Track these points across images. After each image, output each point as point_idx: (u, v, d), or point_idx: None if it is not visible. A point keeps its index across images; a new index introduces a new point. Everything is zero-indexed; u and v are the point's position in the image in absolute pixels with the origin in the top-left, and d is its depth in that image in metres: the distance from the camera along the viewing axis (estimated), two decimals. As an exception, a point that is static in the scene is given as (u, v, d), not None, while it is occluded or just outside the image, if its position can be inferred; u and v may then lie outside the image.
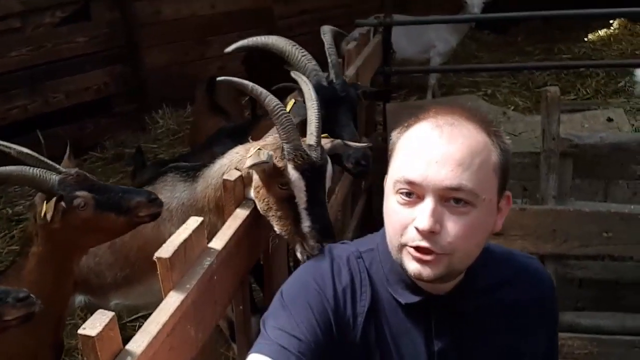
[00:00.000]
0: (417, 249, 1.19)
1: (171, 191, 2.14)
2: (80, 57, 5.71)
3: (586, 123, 3.52)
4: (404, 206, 1.21)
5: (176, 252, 1.41)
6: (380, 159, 3.78)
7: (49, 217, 1.81)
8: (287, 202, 1.69)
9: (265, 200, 1.73)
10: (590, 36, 8.09)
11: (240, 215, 1.74)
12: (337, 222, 3.30)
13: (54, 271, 1.97)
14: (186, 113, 6.34)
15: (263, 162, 1.64)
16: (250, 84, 1.78)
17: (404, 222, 1.20)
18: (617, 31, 8.11)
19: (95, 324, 1.17)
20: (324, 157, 1.72)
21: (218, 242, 1.60)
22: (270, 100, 1.72)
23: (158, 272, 1.39)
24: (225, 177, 1.77)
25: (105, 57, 5.89)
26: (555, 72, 6.73)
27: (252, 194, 1.78)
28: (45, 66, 5.50)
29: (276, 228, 1.75)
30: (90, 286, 2.56)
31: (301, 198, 1.67)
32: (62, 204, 1.82)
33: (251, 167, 1.65)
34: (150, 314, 1.35)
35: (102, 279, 2.49)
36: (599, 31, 8.16)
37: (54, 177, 1.85)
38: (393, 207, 1.24)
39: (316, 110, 1.77)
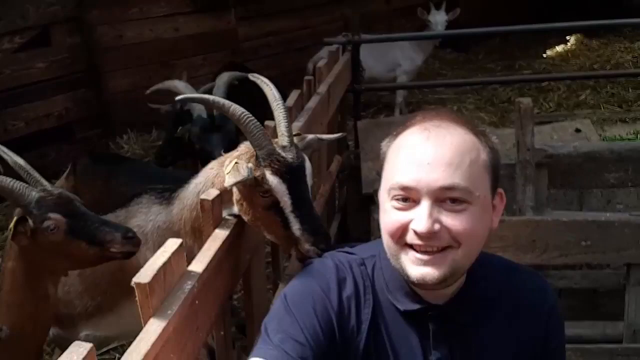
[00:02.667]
0: (419, 250, 1.20)
1: (146, 214, 2.06)
2: (40, 83, 5.55)
3: (555, 134, 3.56)
4: (401, 211, 1.22)
5: (155, 277, 1.33)
6: (354, 176, 3.81)
7: (9, 235, 1.75)
8: (272, 209, 1.63)
9: (251, 212, 1.67)
10: (548, 52, 8.32)
11: (220, 235, 1.66)
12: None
13: (30, 292, 1.88)
14: (152, 137, 6.20)
15: (245, 179, 1.57)
16: (211, 97, 1.74)
17: (403, 223, 1.21)
18: (574, 47, 8.35)
19: (72, 357, 1.08)
20: (300, 156, 1.67)
21: (198, 265, 1.52)
22: (235, 109, 1.66)
23: (136, 298, 1.31)
24: (202, 196, 1.70)
25: (66, 82, 5.74)
26: (518, 87, 6.87)
27: (235, 209, 1.72)
28: (3, 93, 5.32)
29: (267, 236, 1.71)
30: (58, 317, 2.42)
31: (285, 202, 1.61)
32: (30, 222, 1.75)
33: (234, 185, 1.58)
34: (122, 345, 1.27)
35: (71, 308, 2.36)
36: (557, 47, 8.40)
37: (33, 194, 1.78)
38: (389, 213, 1.24)
39: (283, 110, 1.72)
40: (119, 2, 6.04)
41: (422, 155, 1.20)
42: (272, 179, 1.60)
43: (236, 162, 1.62)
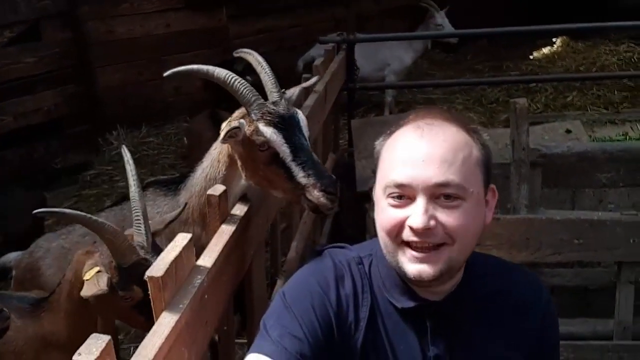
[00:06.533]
0: (416, 247, 1.22)
1: (152, 206, 2.06)
2: (29, 77, 5.48)
3: (546, 135, 3.62)
4: (397, 208, 1.23)
5: (168, 271, 1.34)
6: (346, 175, 3.83)
7: None
8: (274, 162, 1.67)
9: (255, 171, 1.71)
10: (535, 54, 8.40)
11: (226, 231, 1.68)
12: (309, 241, 3.27)
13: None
14: (141, 134, 6.18)
15: (234, 128, 1.62)
16: (196, 66, 1.77)
17: (399, 220, 1.22)
18: (560, 49, 8.43)
19: (90, 350, 1.09)
20: (291, 109, 1.72)
21: (207, 260, 1.54)
22: (219, 72, 1.71)
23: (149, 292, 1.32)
24: (209, 192, 1.71)
25: (56, 77, 5.67)
26: (506, 87, 6.94)
27: (243, 180, 1.77)
28: (-8, 87, 5.27)
29: (276, 194, 1.76)
30: None
31: (284, 152, 1.65)
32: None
33: (224, 138, 1.63)
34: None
35: None
36: (543, 49, 8.48)
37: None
38: (385, 210, 1.26)
39: (268, 72, 1.79)
40: (110, -2, 6.00)
41: (417, 153, 1.22)
42: (266, 130, 1.64)
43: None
